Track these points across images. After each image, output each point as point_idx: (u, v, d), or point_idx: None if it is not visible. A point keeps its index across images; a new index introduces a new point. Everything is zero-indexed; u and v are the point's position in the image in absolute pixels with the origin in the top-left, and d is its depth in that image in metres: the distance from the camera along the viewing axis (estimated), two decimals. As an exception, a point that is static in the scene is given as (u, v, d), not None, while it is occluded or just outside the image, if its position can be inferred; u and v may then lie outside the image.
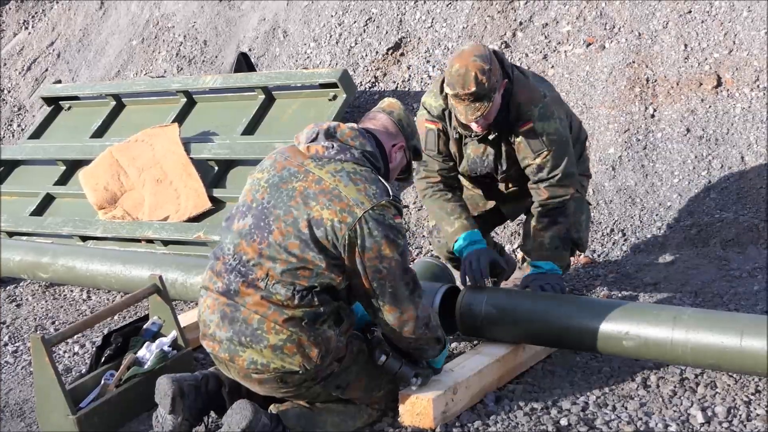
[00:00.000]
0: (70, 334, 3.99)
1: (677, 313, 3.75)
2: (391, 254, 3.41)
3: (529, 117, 4.20)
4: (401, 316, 3.48)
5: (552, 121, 4.24)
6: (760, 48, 6.09)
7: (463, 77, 4.00)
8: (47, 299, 5.77)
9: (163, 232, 6.21)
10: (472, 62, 4.01)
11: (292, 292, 3.40)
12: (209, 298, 3.56)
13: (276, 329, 3.40)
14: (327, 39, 7.57)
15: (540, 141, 4.22)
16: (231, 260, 3.52)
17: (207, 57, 8.21)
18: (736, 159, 5.77)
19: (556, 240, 4.32)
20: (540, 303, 4.07)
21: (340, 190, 3.41)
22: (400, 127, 3.73)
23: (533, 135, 4.22)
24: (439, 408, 3.64)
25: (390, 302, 3.46)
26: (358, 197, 3.40)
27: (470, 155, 4.41)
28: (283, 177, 3.51)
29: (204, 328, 3.57)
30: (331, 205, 3.39)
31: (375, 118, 3.75)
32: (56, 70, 9.10)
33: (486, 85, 4.00)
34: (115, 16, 9.14)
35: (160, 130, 6.85)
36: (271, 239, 3.43)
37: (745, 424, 3.55)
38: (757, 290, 4.75)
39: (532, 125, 4.21)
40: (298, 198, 3.44)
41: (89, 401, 3.88)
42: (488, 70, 4.00)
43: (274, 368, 3.43)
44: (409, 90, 6.94)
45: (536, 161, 4.26)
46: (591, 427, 3.60)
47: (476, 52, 4.06)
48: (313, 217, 3.39)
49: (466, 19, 7.07)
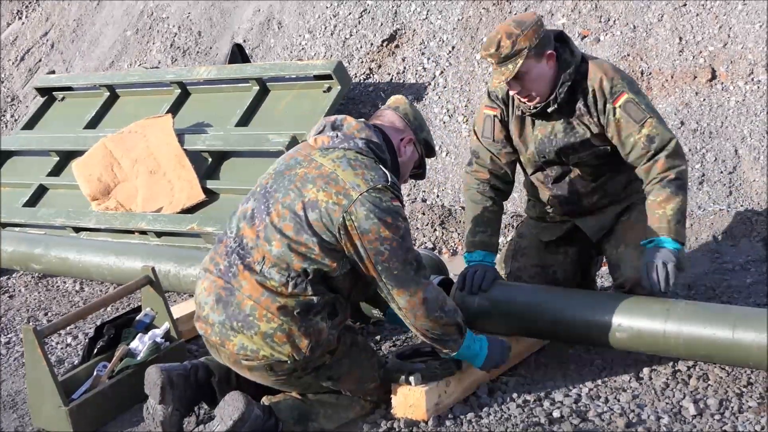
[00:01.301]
0: (63, 325, 3.99)
1: (670, 305, 3.75)
2: (391, 235, 3.40)
3: (622, 89, 3.96)
4: (411, 299, 3.46)
5: (641, 95, 4.02)
6: (755, 41, 6.09)
7: (490, 40, 3.91)
8: (40, 290, 5.76)
9: (157, 224, 6.20)
10: (505, 25, 3.93)
11: (287, 279, 3.40)
12: (207, 281, 3.57)
13: (267, 317, 3.40)
14: (322, 30, 7.56)
15: (640, 110, 3.94)
16: (232, 242, 3.54)
17: (201, 48, 8.19)
18: (729, 152, 5.77)
19: (678, 214, 3.88)
20: (533, 295, 4.06)
21: (337, 174, 3.44)
22: (407, 121, 3.75)
23: (632, 105, 3.95)
24: (432, 400, 3.64)
25: (396, 285, 3.44)
26: (355, 180, 3.42)
27: (537, 136, 4.14)
28: (288, 165, 3.58)
29: (199, 309, 3.59)
30: (327, 188, 3.41)
31: (382, 115, 3.78)
32: (50, 60, 9.07)
33: (508, 49, 3.85)
34: (110, 7, 9.11)
35: (154, 121, 6.83)
36: (268, 221, 3.46)
37: (737, 416, 3.56)
38: (750, 283, 4.76)
39: (626, 95, 3.96)
40: (298, 182, 3.47)
41: (81, 393, 3.88)
42: (517, 34, 3.86)
43: (263, 356, 3.43)
44: (404, 82, 6.93)
45: (644, 131, 3.93)
46: (583, 419, 3.61)
47: (518, 18, 3.97)
48: (309, 199, 3.42)
49: (461, 11, 7.06)
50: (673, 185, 3.89)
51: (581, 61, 4.04)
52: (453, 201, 6.15)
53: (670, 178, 3.91)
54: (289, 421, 3.55)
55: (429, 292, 3.49)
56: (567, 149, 4.11)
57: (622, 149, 4.01)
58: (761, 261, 5.00)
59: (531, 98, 4.03)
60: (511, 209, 5.92)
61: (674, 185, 3.90)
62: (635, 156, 3.98)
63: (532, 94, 4.00)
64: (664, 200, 3.88)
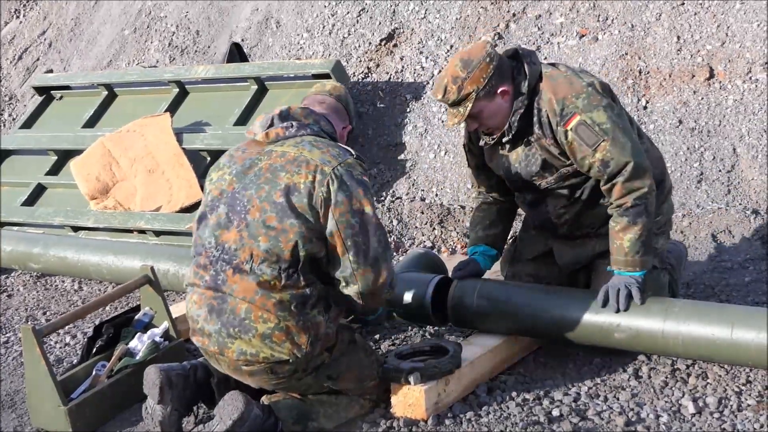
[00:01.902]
0: (62, 324, 3.99)
1: (668, 305, 3.75)
2: (362, 207, 3.42)
3: (574, 110, 3.81)
4: (376, 280, 3.44)
5: (601, 110, 3.81)
6: (753, 40, 6.10)
7: (438, 83, 3.92)
8: (38, 290, 5.76)
9: (155, 223, 6.20)
10: (453, 67, 3.87)
11: (278, 271, 3.40)
12: (195, 294, 3.56)
13: (263, 317, 3.40)
14: (320, 29, 7.55)
15: (593, 132, 3.79)
16: (214, 251, 3.52)
17: (199, 47, 8.19)
18: (728, 151, 5.78)
19: (636, 244, 3.83)
20: (531, 295, 4.06)
21: (305, 156, 3.47)
22: (348, 110, 3.85)
23: (584, 128, 3.80)
24: (432, 399, 3.64)
25: (364, 262, 3.41)
26: (324, 157, 3.46)
27: (504, 163, 4.10)
28: (245, 165, 3.56)
29: (193, 324, 3.58)
30: (300, 170, 3.44)
31: (324, 102, 3.82)
32: (48, 59, 9.06)
33: (454, 95, 3.84)
34: (107, 6, 9.10)
35: (152, 120, 6.83)
36: (249, 218, 3.45)
37: (736, 414, 3.57)
38: (748, 281, 4.76)
39: (578, 117, 3.80)
40: (267, 174, 3.48)
41: (80, 392, 3.88)
42: (463, 78, 3.82)
43: (264, 357, 3.43)
44: (402, 81, 6.92)
45: (597, 156, 3.80)
46: (583, 418, 3.61)
47: (464, 56, 3.88)
48: (286, 185, 3.43)
49: (460, 10, 7.06)
50: (631, 213, 3.82)
51: (537, 80, 3.93)
52: (452, 200, 6.15)
53: (626, 205, 3.83)
54: (288, 420, 3.54)
55: (392, 272, 3.51)
56: (532, 176, 4.05)
57: (582, 169, 3.93)
58: (760, 259, 5.01)
59: (490, 131, 4.02)
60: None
61: (631, 213, 3.82)
62: (593, 176, 3.93)
63: (490, 128, 4.00)
64: (621, 230, 3.85)
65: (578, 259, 4.24)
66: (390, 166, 6.51)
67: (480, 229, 4.34)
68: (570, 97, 3.84)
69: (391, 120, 6.74)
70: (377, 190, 6.32)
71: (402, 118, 6.70)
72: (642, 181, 3.82)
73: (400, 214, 6.03)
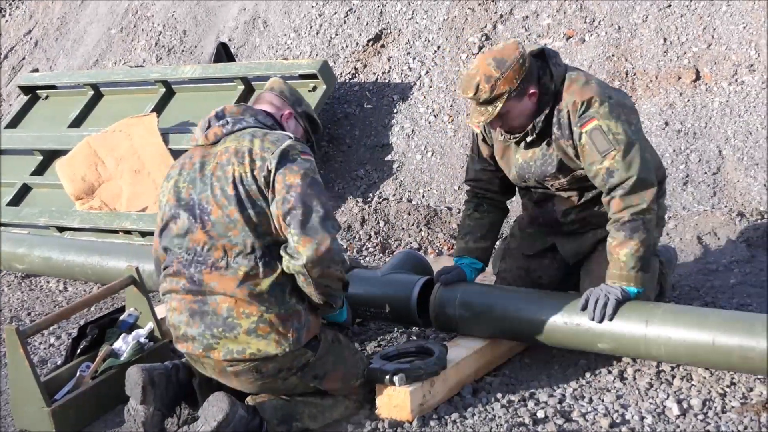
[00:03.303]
0: (46, 325, 3.97)
1: (649, 314, 3.72)
2: (296, 180, 3.41)
3: (593, 115, 3.81)
4: (318, 248, 3.35)
5: (620, 122, 3.81)
6: (739, 42, 6.12)
7: (469, 80, 3.83)
8: (23, 290, 5.73)
9: (141, 223, 6.18)
10: (485, 65, 3.80)
11: (255, 261, 3.42)
12: (174, 301, 3.57)
13: (246, 312, 3.41)
14: (307, 30, 7.55)
15: (606, 140, 3.78)
16: (186, 256, 3.53)
17: (186, 47, 8.17)
18: (713, 153, 5.80)
19: (633, 259, 3.78)
20: (513, 303, 4.03)
21: (245, 146, 3.51)
22: (284, 98, 3.85)
23: (598, 134, 3.80)
24: (417, 400, 3.64)
25: (302, 232, 3.36)
26: (264, 145, 3.50)
27: (518, 160, 4.07)
28: (196, 169, 3.59)
29: (175, 331, 3.58)
30: (244, 160, 3.48)
31: (260, 98, 3.89)
32: (33, 58, 9.02)
33: (486, 94, 3.78)
34: (94, 5, 9.07)
35: (139, 120, 6.81)
36: (213, 218, 3.47)
37: (720, 416, 3.57)
38: (733, 283, 4.77)
39: (596, 122, 3.80)
40: (217, 172, 3.52)
41: (64, 393, 3.86)
42: (496, 78, 3.76)
43: (251, 354, 3.42)
44: (389, 82, 6.93)
45: (605, 164, 3.80)
46: (567, 420, 3.61)
47: (497, 55, 3.82)
48: (233, 176, 3.47)
49: (447, 11, 7.06)
50: (627, 228, 3.79)
51: (561, 81, 3.93)
52: (438, 201, 6.15)
53: (624, 220, 3.80)
54: (273, 421, 3.54)
55: (335, 243, 3.43)
56: (546, 176, 4.05)
57: (588, 174, 3.92)
58: (745, 261, 5.02)
59: (512, 130, 4.00)
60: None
61: (628, 228, 3.79)
62: (597, 185, 3.92)
63: (513, 127, 3.98)
64: (618, 244, 3.81)
65: (580, 249, 4.23)
66: (377, 167, 6.51)
67: (471, 240, 4.30)
68: (595, 102, 3.84)
69: (378, 121, 6.73)
70: (364, 191, 6.32)
71: (389, 119, 6.70)
72: (641, 197, 3.79)
73: (387, 215, 6.03)
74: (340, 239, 5.84)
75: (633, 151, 3.81)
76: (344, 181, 6.49)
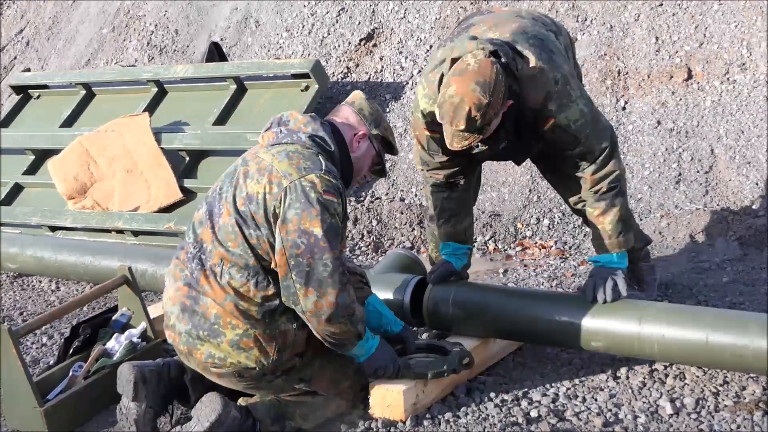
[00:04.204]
0: (38, 325, 3.96)
1: (642, 312, 3.73)
2: (311, 228, 3.29)
3: (549, 114, 3.78)
4: (318, 301, 3.30)
5: (572, 107, 3.79)
6: (730, 41, 6.13)
7: (456, 110, 3.55)
8: (15, 290, 5.71)
9: (134, 223, 6.17)
10: (470, 91, 3.52)
11: (247, 278, 3.39)
12: (171, 289, 3.56)
13: (232, 324, 3.39)
14: (299, 29, 7.54)
15: (569, 133, 3.81)
16: (192, 248, 3.52)
17: (178, 46, 8.15)
18: (705, 151, 5.81)
19: (617, 226, 3.91)
20: (507, 302, 4.03)
21: (273, 165, 3.41)
22: (362, 117, 3.66)
23: (560, 129, 3.80)
24: (410, 400, 3.63)
25: (306, 283, 3.29)
26: (288, 170, 3.38)
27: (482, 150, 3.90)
28: (236, 166, 3.56)
29: (166, 319, 3.58)
30: (262, 179, 3.39)
31: (339, 110, 3.73)
32: (25, 58, 9.00)
33: (479, 122, 3.56)
34: (85, 5, 9.05)
35: (131, 120, 6.80)
36: (221, 222, 3.45)
37: (713, 415, 3.58)
38: (726, 282, 4.78)
39: (554, 121, 3.78)
40: (240, 179, 3.46)
41: (57, 393, 3.85)
42: (486, 104, 3.53)
43: (231, 363, 3.42)
44: (381, 81, 6.92)
45: (576, 151, 3.86)
46: (561, 419, 3.61)
47: (478, 77, 3.54)
48: (247, 193, 3.41)
49: (439, 10, 7.06)
50: (608, 197, 3.90)
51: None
52: (431, 200, 6.15)
53: (602, 190, 3.90)
54: (266, 420, 3.53)
55: (342, 297, 3.33)
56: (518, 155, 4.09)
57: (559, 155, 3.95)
58: (737, 260, 5.03)
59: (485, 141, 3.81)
60: (489, 208, 5.93)
61: (609, 197, 3.90)
62: (568, 165, 3.95)
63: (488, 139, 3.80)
64: (600, 214, 3.92)
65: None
66: (369, 166, 6.50)
67: (444, 224, 4.18)
68: (543, 102, 3.77)
69: (371, 120, 6.72)
70: (356, 190, 6.32)
71: (381, 118, 6.69)
72: (615, 164, 3.89)
73: (380, 215, 6.03)
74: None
75: (595, 126, 3.86)
76: (337, 181, 6.48)
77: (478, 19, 4.11)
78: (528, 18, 4.05)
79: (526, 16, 4.08)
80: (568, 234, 5.62)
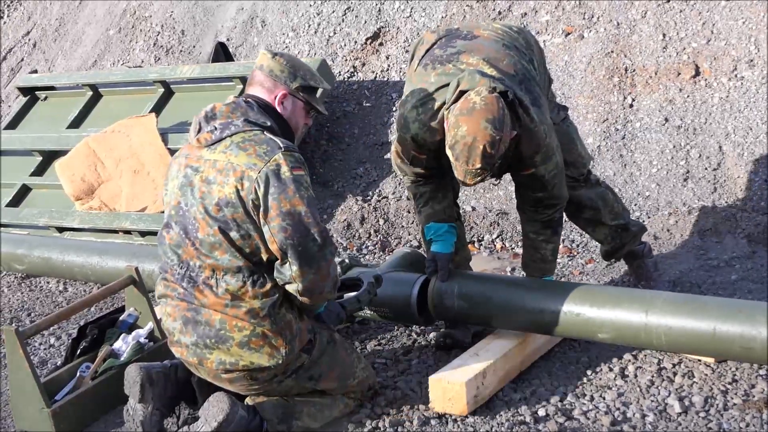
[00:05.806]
0: (46, 326, 3.97)
1: (649, 303, 3.71)
2: (292, 208, 3.33)
3: (532, 165, 3.90)
4: (315, 278, 3.38)
5: (551, 159, 3.93)
6: (738, 38, 6.11)
7: (470, 150, 3.56)
8: (23, 291, 5.73)
9: (141, 223, 6.18)
10: (482, 130, 3.54)
11: (243, 281, 3.40)
12: (169, 306, 3.56)
13: (238, 326, 3.40)
14: (305, 29, 7.54)
15: (542, 182, 3.95)
16: (178, 269, 3.52)
17: (184, 47, 8.16)
18: (713, 149, 5.78)
19: (555, 252, 4.18)
20: (512, 292, 4.04)
21: (231, 162, 3.40)
22: (274, 78, 3.61)
23: (536, 177, 3.95)
24: (472, 392, 3.63)
25: (300, 263, 3.35)
26: (249, 161, 3.38)
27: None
28: (187, 176, 3.52)
29: (169, 336, 3.59)
30: (228, 180, 3.38)
31: (252, 78, 3.67)
32: (32, 59, 9.01)
33: (494, 158, 3.61)
34: (92, 6, 9.06)
35: (137, 121, 6.80)
36: (200, 236, 3.44)
37: (722, 413, 3.57)
38: (734, 279, 4.77)
39: (533, 171, 3.92)
40: (203, 187, 3.44)
41: (64, 394, 3.86)
42: (498, 139, 3.56)
43: (243, 365, 3.43)
44: (388, 80, 6.92)
45: (539, 195, 4.01)
46: (569, 418, 3.60)
47: (487, 114, 3.55)
48: (219, 198, 3.40)
49: (445, 8, 7.05)
50: (554, 224, 4.12)
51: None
52: (438, 199, 6.13)
53: (546, 219, 4.09)
54: (273, 420, 3.54)
55: (333, 269, 3.45)
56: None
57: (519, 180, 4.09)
58: (746, 257, 5.01)
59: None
60: (496, 206, 5.92)
61: (555, 224, 4.12)
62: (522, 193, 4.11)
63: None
64: (545, 240, 4.12)
65: None
66: (376, 165, 6.50)
67: (423, 207, 4.19)
68: (532, 153, 3.88)
69: (377, 119, 6.73)
70: (363, 189, 6.31)
71: (388, 117, 6.69)
72: (564, 196, 4.10)
73: (387, 213, 6.02)
74: (338, 239, 5.84)
75: (561, 178, 4.04)
76: (344, 180, 6.48)
77: (462, 45, 4.01)
78: (510, 44, 4.03)
79: (505, 38, 4.05)
80: (576, 232, 5.60)
